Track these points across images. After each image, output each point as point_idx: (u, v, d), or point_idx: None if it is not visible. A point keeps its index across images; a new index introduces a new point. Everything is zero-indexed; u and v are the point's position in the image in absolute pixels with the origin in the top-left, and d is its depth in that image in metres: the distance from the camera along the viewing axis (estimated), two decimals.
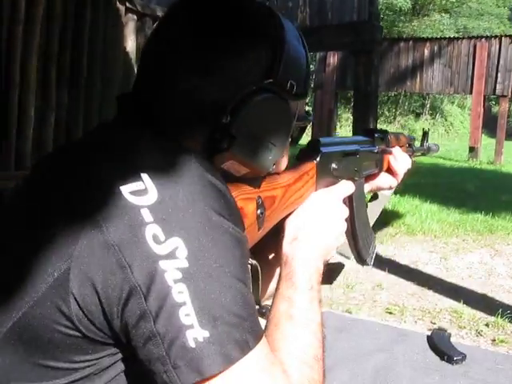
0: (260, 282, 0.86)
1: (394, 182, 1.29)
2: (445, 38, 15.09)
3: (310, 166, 0.96)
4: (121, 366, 0.66)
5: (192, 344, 0.58)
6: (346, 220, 0.99)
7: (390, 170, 1.28)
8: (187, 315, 0.58)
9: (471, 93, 13.91)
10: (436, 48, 14.27)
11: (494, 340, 3.21)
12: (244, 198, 0.77)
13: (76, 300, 0.60)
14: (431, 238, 5.61)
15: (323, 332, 0.80)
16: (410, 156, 1.36)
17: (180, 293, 0.59)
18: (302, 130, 0.90)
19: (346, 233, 1.02)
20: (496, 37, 14.08)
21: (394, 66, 14.51)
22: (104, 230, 0.60)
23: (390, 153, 1.26)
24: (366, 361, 2.83)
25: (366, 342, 2.92)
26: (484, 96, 13.95)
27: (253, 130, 0.74)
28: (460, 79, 14.01)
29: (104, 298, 0.60)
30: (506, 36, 14.13)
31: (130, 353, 0.63)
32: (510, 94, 13.90)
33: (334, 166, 1.01)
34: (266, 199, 0.83)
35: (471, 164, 13.38)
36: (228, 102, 0.72)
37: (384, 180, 1.27)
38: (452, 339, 3.21)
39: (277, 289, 0.84)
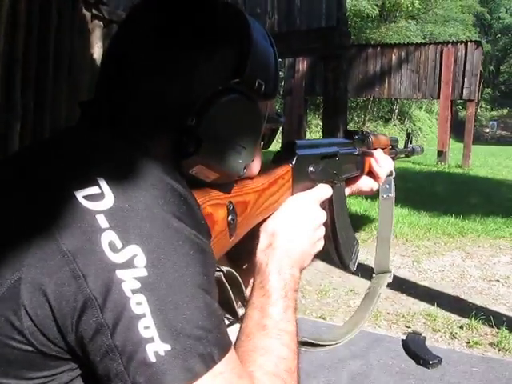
0: (242, 287, 0.83)
1: (375, 185, 1.27)
2: (412, 44, 15.32)
3: (286, 170, 0.92)
4: (80, 383, 0.62)
5: (152, 358, 0.55)
6: (325, 225, 0.96)
7: (371, 173, 1.25)
8: (147, 328, 0.55)
9: (439, 97, 14.13)
10: (403, 54, 14.48)
11: (469, 342, 3.22)
12: (213, 203, 0.74)
13: (28, 313, 0.56)
14: (403, 241, 5.64)
15: (298, 343, 0.77)
16: (392, 158, 1.34)
17: (139, 304, 0.55)
18: (274, 132, 0.87)
19: (325, 238, 0.98)
20: (462, 42, 14.36)
21: (362, 72, 14.66)
22: (57, 237, 0.56)
23: (372, 155, 1.23)
24: (342, 368, 2.82)
25: (341, 349, 2.91)
26: (451, 101, 14.17)
27: (220, 133, 0.71)
28: (427, 84, 14.22)
29: (57, 311, 0.56)
30: (471, 41, 14.43)
31: (89, 368, 0.59)
32: (476, 98, 14.16)
33: (311, 169, 0.98)
34: (237, 205, 0.79)
35: (440, 168, 13.58)
36: (193, 103, 0.68)
37: (365, 183, 1.25)
38: (427, 343, 3.23)
39: (249, 297, 0.81)
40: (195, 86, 0.70)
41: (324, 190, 0.99)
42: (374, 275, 1.34)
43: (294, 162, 0.94)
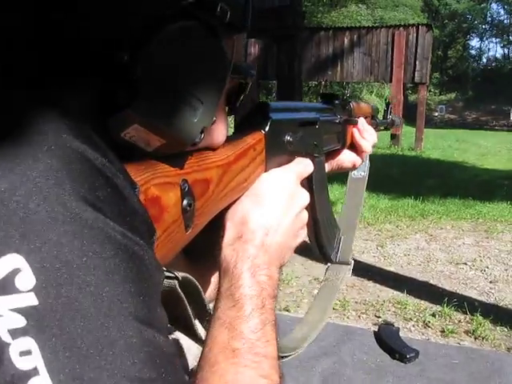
0: (203, 298, 0.64)
1: (358, 160, 1.08)
2: (364, 27, 15.33)
3: (257, 138, 0.72)
4: None
5: None
6: (307, 209, 0.76)
7: (353, 146, 1.07)
8: None
9: (391, 81, 14.13)
10: (355, 37, 14.44)
11: (443, 331, 3.01)
12: (160, 182, 0.53)
13: None
14: (364, 225, 5.43)
15: (280, 369, 0.59)
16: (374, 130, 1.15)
17: (25, 354, 0.34)
18: (242, 88, 0.65)
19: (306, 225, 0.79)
20: (413, 25, 14.39)
21: (314, 56, 14.58)
22: None
23: (356, 124, 1.04)
24: (312, 367, 2.54)
25: (310, 345, 2.65)
26: (403, 84, 14.18)
27: (166, 76, 0.50)
28: (380, 67, 14.24)
29: None
30: (422, 25, 14.48)
31: None
32: (427, 81, 14.23)
33: (288, 138, 0.78)
34: (195, 184, 0.59)
35: (393, 150, 13.61)
36: (127, 33, 0.48)
37: (347, 157, 1.06)
38: (400, 333, 3.01)
39: (214, 309, 0.61)
40: (129, 8, 0.49)
41: (305, 165, 0.79)
42: (329, 265, 1.07)
43: (267, 129, 0.73)
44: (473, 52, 51.89)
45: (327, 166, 1.01)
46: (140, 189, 0.49)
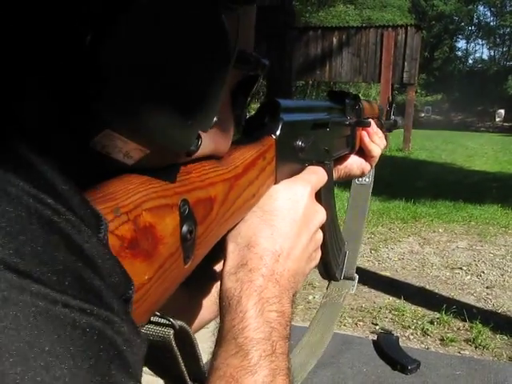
0: (197, 350, 0.51)
1: (367, 167, 0.99)
2: (353, 27, 15.30)
3: (267, 144, 0.61)
4: None
5: None
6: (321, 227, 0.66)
7: (361, 151, 0.98)
8: None
9: (379, 81, 14.10)
10: (344, 37, 14.38)
11: (443, 339, 2.94)
12: (155, 205, 0.41)
13: None
14: None
15: None
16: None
17: None
18: (251, 82, 0.52)
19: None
20: (402, 26, 14.36)
21: (303, 55, 14.51)
22: None
23: (368, 126, 0.94)
24: (309, 380, 2.45)
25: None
26: (392, 84, 14.17)
27: (143, 61, 0.35)
28: (368, 68, 14.22)
29: None
30: (411, 25, 14.44)
31: None
32: (416, 82, 14.22)
33: (300, 143, 0.68)
34: (197, 205, 0.46)
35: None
36: (86, 4, 0.32)
37: (355, 164, 0.97)
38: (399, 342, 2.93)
39: (213, 357, 0.51)
40: None
41: (319, 176, 0.68)
42: (332, 281, 0.95)
43: (278, 133, 0.62)
44: (459, 53, 52.28)
45: (335, 174, 0.91)
46: (128, 216, 0.38)
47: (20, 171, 0.29)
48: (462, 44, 75.42)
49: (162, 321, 0.47)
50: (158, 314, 0.47)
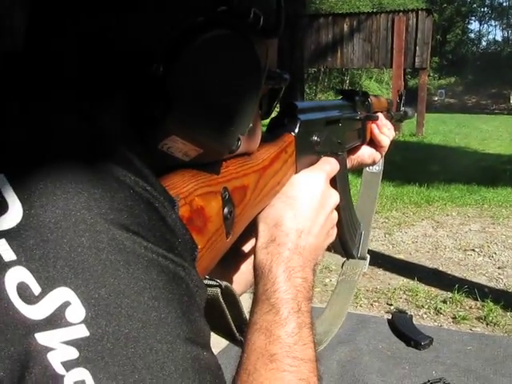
0: (240, 306, 0.66)
1: (377, 156, 1.10)
2: (363, 13, 15.23)
3: (288, 140, 0.74)
4: None
5: None
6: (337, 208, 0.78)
7: (371, 141, 1.08)
8: None
9: (391, 66, 14.07)
10: (355, 23, 14.35)
11: (455, 318, 3.05)
12: (204, 192, 0.54)
13: None
14: None
15: (319, 372, 0.59)
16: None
17: None
18: (275, 94, 0.66)
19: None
20: (413, 11, 14.29)
21: (314, 43, 14.51)
22: None
23: (376, 119, 1.05)
24: (329, 356, 2.58)
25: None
26: (404, 69, 14.13)
27: (200, 86, 0.49)
28: (380, 53, 14.18)
29: None
30: (422, 10, 14.39)
31: None
32: (428, 66, 14.17)
33: (315, 138, 0.80)
34: (234, 191, 0.60)
35: (394, 136, 13.51)
36: (159, 43, 0.47)
37: (366, 154, 1.08)
38: (413, 320, 3.05)
39: (250, 315, 0.62)
40: (161, 17, 0.48)
41: (332, 165, 0.80)
42: (346, 261, 1.09)
43: (296, 130, 0.75)
44: (472, 36, 51.68)
45: (348, 163, 1.02)
46: (185, 200, 0.50)
47: (130, 167, 0.42)
48: (474, 26, 74.48)
49: (211, 282, 0.61)
50: (208, 277, 0.61)
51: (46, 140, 0.41)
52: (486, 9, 51.09)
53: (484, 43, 52.55)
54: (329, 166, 0.78)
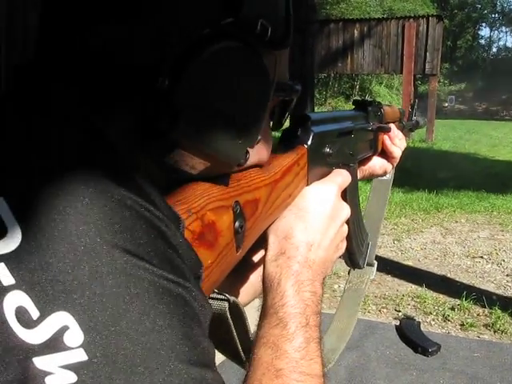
0: (246, 323, 0.66)
1: (389, 167, 1.08)
2: (374, 19, 15.21)
3: (300, 153, 0.73)
4: None
5: None
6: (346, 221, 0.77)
7: (383, 152, 1.07)
8: None
9: (401, 72, 14.04)
10: (366, 29, 14.34)
11: (463, 325, 3.07)
12: (216, 206, 0.54)
13: None
14: None
15: None
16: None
17: None
18: (286, 105, 0.64)
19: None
20: (423, 17, 14.28)
21: (324, 48, 14.51)
22: None
23: (389, 131, 1.03)
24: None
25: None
26: (414, 75, 14.11)
27: (207, 99, 0.49)
28: (390, 59, 14.15)
29: None
30: (432, 16, 14.36)
31: None
32: (438, 72, 14.13)
33: (327, 150, 0.79)
34: (245, 205, 0.59)
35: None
36: (166, 56, 0.47)
37: (378, 164, 1.06)
38: (421, 327, 3.07)
39: (258, 328, 0.61)
40: (167, 29, 0.47)
41: (344, 177, 0.79)
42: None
43: (309, 143, 0.74)
44: (483, 42, 51.50)
45: (359, 174, 1.01)
46: (197, 215, 0.50)
47: (129, 185, 0.41)
48: (485, 32, 74.16)
49: (219, 296, 0.62)
50: (216, 291, 0.61)
51: (45, 160, 0.40)
52: (496, 15, 50.93)
53: (494, 49, 52.38)
54: (340, 178, 0.77)
